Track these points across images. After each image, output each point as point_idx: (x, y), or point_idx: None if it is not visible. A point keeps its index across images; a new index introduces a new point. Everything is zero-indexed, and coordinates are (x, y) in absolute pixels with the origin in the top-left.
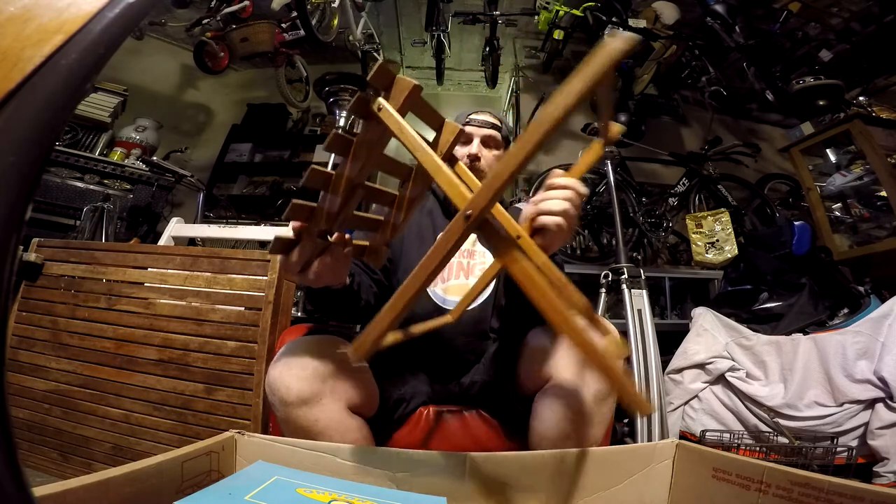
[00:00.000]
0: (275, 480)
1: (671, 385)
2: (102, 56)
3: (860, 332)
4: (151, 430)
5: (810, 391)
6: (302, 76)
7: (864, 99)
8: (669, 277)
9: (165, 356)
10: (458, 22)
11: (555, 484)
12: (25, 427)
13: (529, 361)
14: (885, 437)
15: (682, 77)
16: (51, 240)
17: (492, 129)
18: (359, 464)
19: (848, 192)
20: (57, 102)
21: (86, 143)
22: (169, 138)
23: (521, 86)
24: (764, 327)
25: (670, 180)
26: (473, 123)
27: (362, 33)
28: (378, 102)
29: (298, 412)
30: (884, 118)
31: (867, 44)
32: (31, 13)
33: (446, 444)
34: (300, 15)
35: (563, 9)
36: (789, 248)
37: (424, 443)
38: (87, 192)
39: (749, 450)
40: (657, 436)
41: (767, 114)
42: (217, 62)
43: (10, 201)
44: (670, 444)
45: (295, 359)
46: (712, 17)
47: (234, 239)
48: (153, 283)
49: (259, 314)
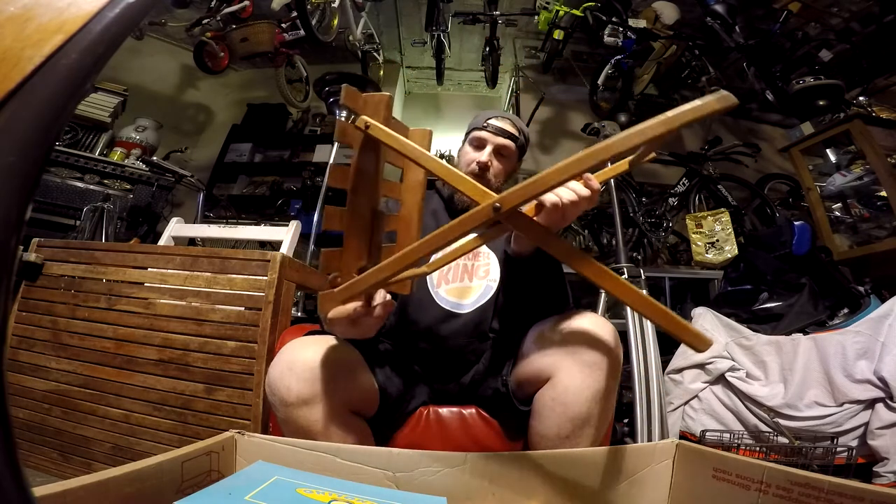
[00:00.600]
0: (275, 480)
1: (671, 385)
2: (102, 56)
3: (860, 332)
4: (151, 430)
5: (810, 391)
6: (302, 76)
7: (864, 99)
8: (669, 277)
9: (165, 356)
10: (458, 22)
11: (555, 484)
12: (25, 427)
13: (529, 361)
14: (884, 437)
15: (682, 77)
16: (51, 240)
17: (508, 140)
18: (359, 464)
19: (848, 192)
20: (57, 102)
21: (86, 143)
22: (169, 138)
23: (521, 86)
24: (764, 327)
25: (670, 180)
26: (490, 129)
27: (362, 33)
28: (363, 120)
29: (299, 413)
30: (884, 118)
31: (867, 44)
32: (31, 13)
33: (446, 444)
34: (300, 15)
35: (563, 9)
36: (789, 248)
37: (424, 443)
38: (87, 192)
39: (749, 450)
40: (657, 436)
41: (767, 114)
42: (217, 62)
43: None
44: (670, 444)
45: (295, 359)
46: (712, 17)
47: (234, 239)
48: (153, 283)
49: (259, 314)
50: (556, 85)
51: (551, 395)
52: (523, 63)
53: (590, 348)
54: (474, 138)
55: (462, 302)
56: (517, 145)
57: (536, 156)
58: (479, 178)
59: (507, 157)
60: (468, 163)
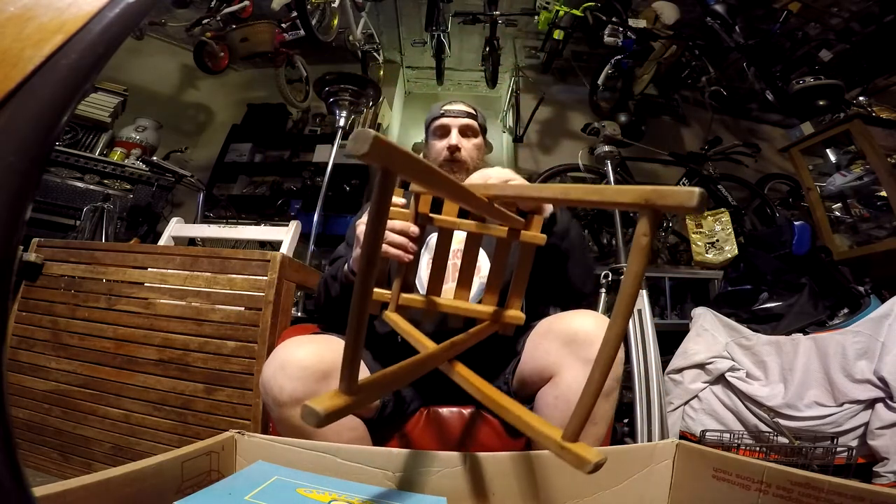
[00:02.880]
0: (275, 480)
1: (671, 385)
2: (102, 56)
3: (860, 332)
4: (151, 430)
5: (810, 391)
6: (302, 76)
7: (864, 99)
8: (669, 277)
9: (165, 356)
10: (458, 22)
11: (555, 483)
12: (25, 427)
13: (531, 360)
14: (884, 437)
15: (682, 77)
16: (51, 240)
17: (468, 118)
18: (359, 464)
19: (848, 192)
20: (57, 102)
21: (86, 143)
22: (169, 138)
23: (521, 86)
24: (764, 327)
25: (670, 180)
26: (448, 115)
27: (362, 33)
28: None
29: (292, 412)
30: (884, 118)
31: (867, 44)
32: (31, 13)
33: (446, 444)
34: (300, 15)
35: (563, 9)
36: (789, 248)
37: (424, 443)
38: (87, 192)
39: (749, 450)
40: (657, 436)
41: (767, 114)
42: (217, 62)
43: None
44: (670, 444)
45: (288, 359)
46: (712, 17)
47: (234, 239)
48: (153, 283)
49: (259, 314)
50: (556, 85)
51: (554, 394)
52: (523, 63)
53: (593, 347)
54: (437, 128)
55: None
56: (478, 123)
57: (537, 156)
58: (454, 161)
59: (473, 135)
60: (439, 152)
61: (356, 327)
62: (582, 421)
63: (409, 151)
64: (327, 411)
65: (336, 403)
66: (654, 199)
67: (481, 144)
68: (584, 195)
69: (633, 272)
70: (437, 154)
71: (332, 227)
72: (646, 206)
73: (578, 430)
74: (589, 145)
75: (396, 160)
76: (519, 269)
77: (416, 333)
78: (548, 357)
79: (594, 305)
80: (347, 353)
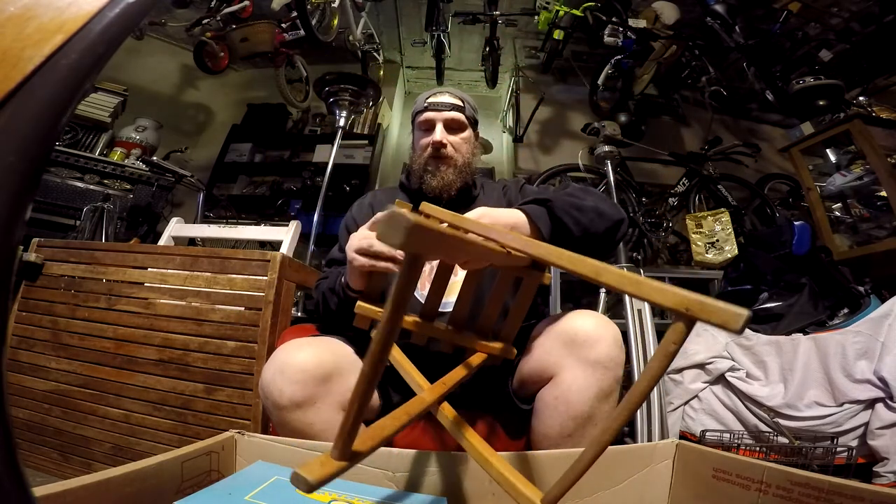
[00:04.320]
0: (275, 480)
1: (671, 385)
2: (102, 56)
3: (860, 332)
4: (151, 430)
5: (810, 391)
6: (302, 76)
7: (864, 99)
8: (669, 277)
9: (165, 356)
10: (458, 22)
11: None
12: (25, 427)
13: (531, 360)
14: (884, 437)
15: (682, 77)
16: (51, 240)
17: (453, 111)
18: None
19: (848, 192)
20: (57, 102)
21: (86, 143)
22: (169, 138)
23: (521, 86)
24: (764, 327)
25: (670, 180)
26: (432, 108)
27: (362, 33)
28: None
29: (292, 416)
30: (884, 118)
31: (867, 44)
32: (32, 13)
33: (446, 445)
34: (300, 15)
35: (563, 9)
36: (789, 248)
37: (424, 443)
38: (87, 192)
39: (749, 450)
40: (657, 436)
41: (767, 114)
42: (217, 62)
43: (10, 201)
44: (670, 444)
45: (287, 362)
46: (712, 17)
47: (234, 239)
48: (153, 283)
49: (259, 314)
50: (556, 85)
51: (554, 394)
52: (523, 63)
53: (593, 347)
54: (421, 122)
55: (447, 300)
56: (465, 115)
57: (536, 156)
58: (439, 158)
59: (460, 128)
60: (423, 147)
61: (359, 402)
62: (563, 490)
63: (443, 231)
64: (318, 480)
65: (327, 471)
66: (695, 310)
67: (470, 137)
68: (619, 283)
69: (650, 374)
70: (420, 149)
71: (332, 227)
72: (684, 316)
73: (559, 496)
74: (589, 145)
75: (432, 245)
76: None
77: (408, 366)
78: (548, 357)
79: (594, 306)
80: (347, 421)
